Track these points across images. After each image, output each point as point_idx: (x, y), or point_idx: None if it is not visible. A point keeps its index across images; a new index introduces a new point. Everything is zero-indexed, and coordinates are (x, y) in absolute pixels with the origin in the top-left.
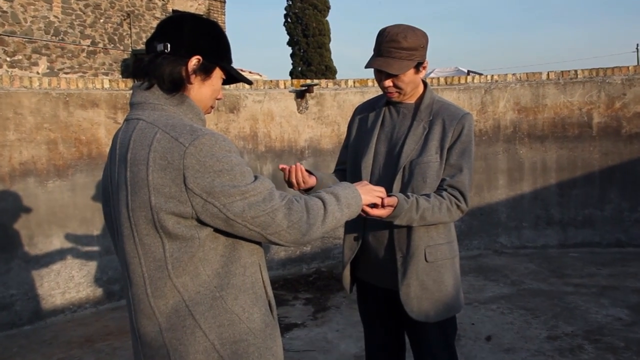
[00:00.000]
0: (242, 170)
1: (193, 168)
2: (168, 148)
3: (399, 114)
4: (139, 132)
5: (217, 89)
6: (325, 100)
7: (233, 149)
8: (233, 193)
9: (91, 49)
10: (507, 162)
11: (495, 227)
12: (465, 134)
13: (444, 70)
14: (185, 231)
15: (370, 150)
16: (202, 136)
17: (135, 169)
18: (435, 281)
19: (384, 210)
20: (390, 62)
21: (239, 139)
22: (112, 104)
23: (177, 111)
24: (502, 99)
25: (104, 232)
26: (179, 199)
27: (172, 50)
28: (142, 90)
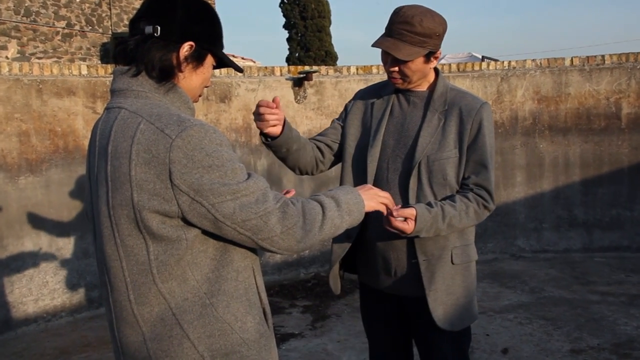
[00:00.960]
0: (234, 166)
1: (180, 162)
2: (153, 140)
3: (409, 103)
4: (121, 122)
5: (207, 77)
6: (325, 88)
7: (224, 142)
8: (223, 192)
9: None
10: (526, 157)
11: (513, 229)
12: (485, 126)
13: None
14: (170, 232)
15: (378, 142)
16: (190, 127)
17: (116, 162)
18: (460, 286)
19: (407, 225)
20: (399, 45)
21: (230, 131)
22: (90, 92)
23: (164, 99)
24: (520, 88)
25: (82, 233)
26: (163, 197)
27: (162, 33)
28: (126, 76)
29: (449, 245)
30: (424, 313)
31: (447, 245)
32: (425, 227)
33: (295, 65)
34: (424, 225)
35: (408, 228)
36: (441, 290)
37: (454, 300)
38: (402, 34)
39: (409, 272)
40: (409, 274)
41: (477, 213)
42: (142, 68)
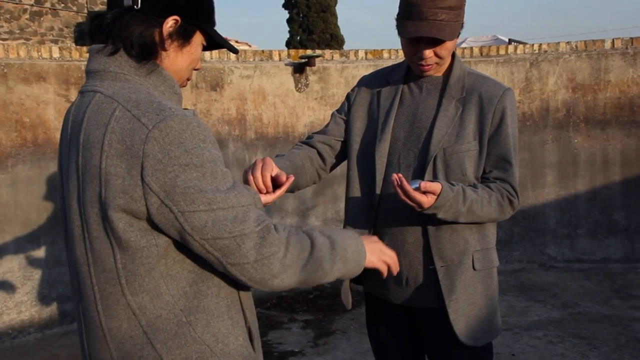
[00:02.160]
0: (215, 169)
1: (154, 157)
2: (128, 130)
3: (422, 90)
4: (95, 107)
5: (195, 58)
6: (329, 75)
7: (209, 139)
8: (197, 199)
9: (35, 10)
10: (558, 154)
11: (542, 235)
12: (508, 115)
13: (479, 40)
14: (139, 237)
15: (387, 135)
16: (170, 118)
17: (88, 153)
18: (482, 295)
19: (426, 198)
20: (439, 26)
21: (222, 123)
22: (63, 78)
23: (145, 83)
24: (553, 74)
25: (53, 238)
26: (132, 195)
27: (143, 6)
28: (103, 55)
29: (469, 249)
30: (442, 326)
31: (467, 249)
32: (445, 205)
33: (296, 49)
34: (445, 202)
35: (427, 201)
36: (463, 300)
37: (477, 312)
38: (436, 13)
39: (424, 281)
40: (424, 282)
41: (500, 205)
42: (120, 45)
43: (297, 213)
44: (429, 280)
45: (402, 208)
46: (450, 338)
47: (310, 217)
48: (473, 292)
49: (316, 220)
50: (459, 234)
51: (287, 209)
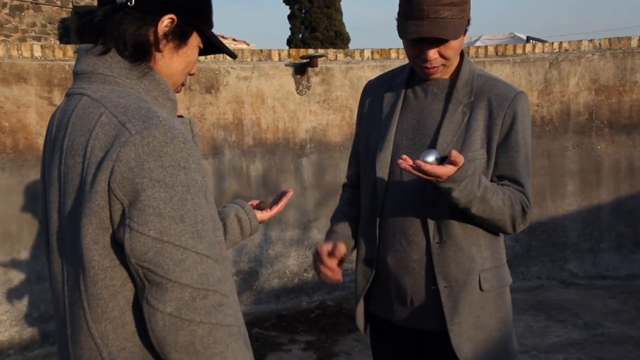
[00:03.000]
0: (185, 196)
1: (127, 164)
2: (112, 137)
3: (427, 94)
4: (81, 111)
5: (191, 61)
6: (333, 77)
7: (192, 159)
8: (150, 222)
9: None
10: (579, 161)
11: (562, 249)
12: (520, 120)
13: (495, 37)
14: (102, 256)
15: (388, 144)
16: (156, 126)
17: (71, 161)
18: (492, 317)
19: (444, 169)
20: (442, 24)
21: (218, 128)
22: (45, 79)
23: (136, 86)
24: (574, 75)
25: (36, 252)
26: (98, 202)
27: (138, 3)
28: (92, 55)
29: (475, 268)
30: (447, 351)
31: (473, 268)
32: (463, 181)
33: (297, 48)
34: (464, 176)
35: (446, 171)
36: (468, 324)
37: (486, 335)
38: (439, 11)
39: (428, 301)
40: (428, 303)
41: (512, 208)
42: (112, 45)
43: (297, 225)
44: (434, 301)
45: (406, 223)
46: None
47: (312, 230)
48: (481, 314)
49: (318, 233)
50: (464, 251)
51: (287, 221)
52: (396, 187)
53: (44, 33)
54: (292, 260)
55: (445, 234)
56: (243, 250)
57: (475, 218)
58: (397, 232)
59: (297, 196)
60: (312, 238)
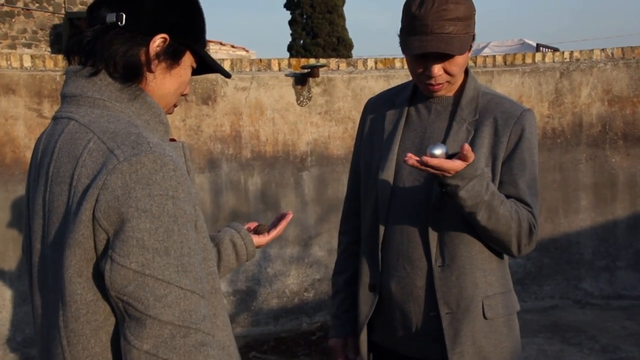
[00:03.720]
0: (172, 228)
1: (113, 192)
2: (99, 164)
3: (430, 111)
4: (68, 136)
5: (184, 82)
6: (335, 87)
7: (182, 188)
8: (133, 254)
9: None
10: (593, 175)
11: (576, 267)
12: (527, 138)
13: (504, 44)
14: (86, 289)
15: (391, 163)
16: (145, 153)
17: (56, 189)
18: (497, 347)
19: (453, 163)
20: (447, 39)
21: (215, 141)
22: (35, 90)
23: (127, 110)
24: (586, 85)
25: (20, 271)
26: (83, 232)
27: (128, 23)
28: (81, 77)
29: (478, 294)
30: None
31: (475, 294)
32: (471, 180)
33: (298, 57)
34: (473, 174)
35: (455, 166)
36: (470, 354)
37: None
38: (443, 26)
39: (432, 329)
40: (431, 331)
41: (519, 222)
42: (102, 66)
43: (298, 242)
44: (437, 329)
45: (410, 246)
46: None
47: (313, 247)
48: (485, 344)
49: (320, 250)
50: (467, 276)
51: (287, 237)
52: (400, 208)
53: (35, 40)
54: (292, 279)
55: (448, 257)
56: (240, 269)
57: (479, 229)
58: (401, 257)
59: (298, 212)
60: (313, 255)
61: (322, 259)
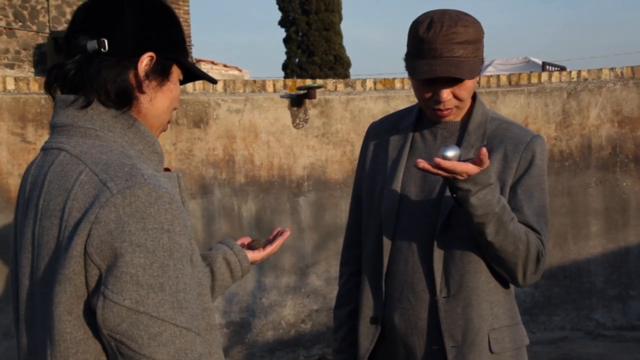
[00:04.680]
0: (167, 263)
1: (106, 226)
2: (91, 197)
3: (436, 137)
4: (58, 168)
5: (175, 96)
6: (333, 109)
7: (177, 221)
8: (126, 290)
9: None
10: (603, 199)
11: (587, 296)
12: (536, 165)
13: (508, 63)
14: (75, 328)
15: (395, 191)
16: (140, 186)
17: (46, 222)
18: None
19: (467, 166)
20: (456, 63)
21: (207, 166)
22: (18, 114)
23: (120, 140)
24: (595, 106)
25: (2, 304)
26: (74, 268)
27: (112, 47)
28: (72, 108)
29: (483, 327)
30: None
31: (481, 327)
32: (485, 188)
33: (293, 78)
34: (486, 181)
35: (465, 168)
36: None
37: None
38: (452, 50)
39: None
40: None
41: (528, 245)
42: (94, 96)
43: (294, 271)
44: None
45: (415, 277)
46: None
47: (311, 276)
48: None
49: (317, 280)
50: (473, 308)
51: (283, 266)
52: (404, 237)
53: (18, 60)
54: (289, 309)
55: (454, 287)
56: (234, 299)
57: (486, 245)
58: (405, 288)
59: (294, 239)
60: (310, 285)
61: (320, 289)
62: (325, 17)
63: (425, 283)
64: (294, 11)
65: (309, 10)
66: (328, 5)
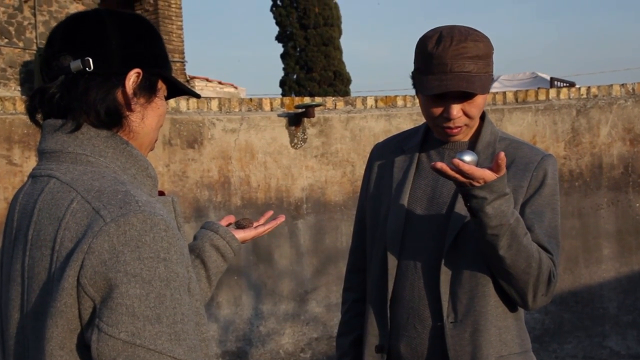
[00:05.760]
0: (164, 293)
1: (100, 256)
2: (84, 225)
3: (444, 158)
4: (49, 196)
5: (163, 113)
6: (332, 128)
7: (174, 249)
8: (122, 323)
9: None
10: (616, 221)
11: (600, 323)
12: (547, 184)
13: (514, 78)
14: None
15: (400, 214)
16: (134, 214)
17: (37, 253)
18: None
19: (484, 172)
20: (467, 78)
21: (201, 188)
22: (4, 135)
23: (112, 164)
24: (605, 124)
25: None
26: (66, 301)
27: (97, 66)
28: (61, 133)
29: (492, 353)
30: None
31: (489, 353)
32: (501, 197)
33: (291, 96)
34: (502, 189)
35: (482, 174)
36: None
37: None
38: (463, 65)
39: None
40: None
41: (540, 263)
42: (83, 119)
43: (293, 297)
44: None
45: (422, 303)
46: None
47: (310, 303)
48: None
49: (317, 306)
50: (481, 333)
51: (281, 292)
52: (410, 261)
53: (3, 78)
54: (287, 338)
55: (461, 311)
56: (230, 328)
57: (496, 260)
58: (412, 315)
59: (293, 264)
60: (309, 312)
61: (320, 316)
62: (324, 32)
63: (432, 308)
64: (291, 25)
65: (307, 24)
66: (327, 19)
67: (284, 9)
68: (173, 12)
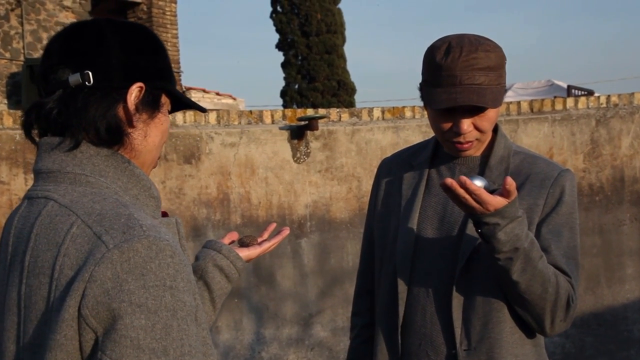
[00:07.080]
0: (170, 323)
1: (102, 285)
2: (85, 252)
3: (455, 174)
4: (46, 220)
5: (166, 129)
6: (337, 141)
7: (181, 276)
8: (127, 356)
9: None
10: (639, 238)
11: (625, 346)
12: (565, 202)
13: (529, 86)
14: None
15: (410, 234)
16: (139, 239)
17: (34, 281)
18: None
19: (494, 198)
20: (478, 91)
21: (199, 205)
22: None
23: (113, 185)
24: (627, 134)
25: None
26: (65, 333)
27: (97, 80)
28: (59, 152)
29: None
30: None
31: None
32: (512, 219)
33: (294, 107)
34: (514, 213)
35: (492, 200)
36: None
37: None
38: (474, 77)
39: None
40: None
41: (558, 288)
42: (82, 137)
43: (297, 321)
44: None
45: (434, 329)
46: None
47: (315, 326)
48: None
49: (322, 330)
50: (495, 353)
51: (284, 315)
52: (421, 283)
53: None
54: None
55: (475, 338)
56: (230, 354)
57: (511, 285)
58: (424, 342)
59: (296, 285)
60: (314, 336)
61: (325, 341)
62: (327, 39)
63: (445, 335)
64: (292, 33)
65: (309, 31)
66: (330, 26)
67: (284, 16)
68: (168, 20)
